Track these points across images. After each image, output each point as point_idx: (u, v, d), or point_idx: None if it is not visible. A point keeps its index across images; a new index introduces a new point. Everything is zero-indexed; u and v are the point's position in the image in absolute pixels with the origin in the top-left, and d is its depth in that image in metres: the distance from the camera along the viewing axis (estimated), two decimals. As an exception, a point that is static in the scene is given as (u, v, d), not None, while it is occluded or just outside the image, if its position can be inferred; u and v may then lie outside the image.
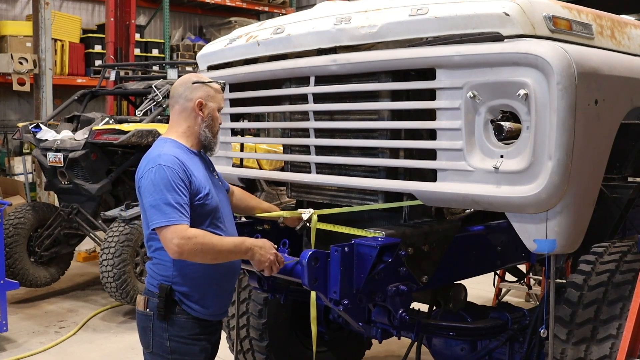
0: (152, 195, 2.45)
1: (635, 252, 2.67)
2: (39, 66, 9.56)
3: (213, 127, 2.68)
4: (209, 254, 2.45)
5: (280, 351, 3.90)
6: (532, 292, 5.76)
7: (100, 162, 6.20)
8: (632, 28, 2.67)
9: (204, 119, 2.64)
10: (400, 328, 2.62)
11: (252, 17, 14.01)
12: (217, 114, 2.70)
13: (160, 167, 2.46)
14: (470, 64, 2.27)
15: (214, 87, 2.68)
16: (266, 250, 2.55)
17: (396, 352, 4.89)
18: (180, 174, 2.48)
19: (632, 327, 2.25)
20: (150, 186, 2.46)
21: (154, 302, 2.59)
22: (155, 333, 2.60)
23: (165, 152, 2.53)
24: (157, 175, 2.46)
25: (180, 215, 2.43)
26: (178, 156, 2.53)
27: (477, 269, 3.13)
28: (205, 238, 2.44)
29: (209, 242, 2.44)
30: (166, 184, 2.44)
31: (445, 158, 2.40)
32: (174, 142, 2.63)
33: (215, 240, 2.47)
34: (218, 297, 2.67)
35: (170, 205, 2.42)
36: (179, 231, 2.40)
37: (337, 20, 2.71)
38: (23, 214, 6.46)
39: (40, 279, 6.50)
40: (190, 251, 2.41)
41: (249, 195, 3.12)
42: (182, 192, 2.46)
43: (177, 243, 2.39)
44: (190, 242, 2.40)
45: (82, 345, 5.33)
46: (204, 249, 2.43)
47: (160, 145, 2.61)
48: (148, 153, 2.61)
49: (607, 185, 3.11)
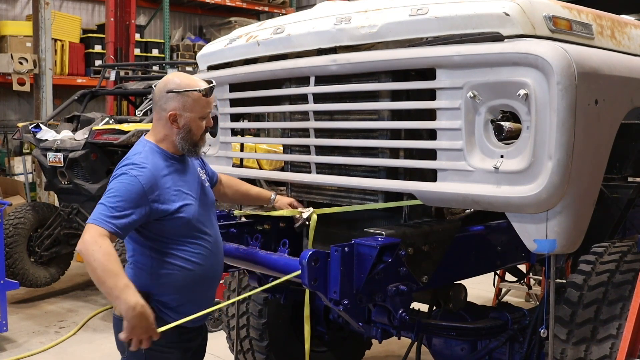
0: (105, 196, 2.37)
1: (635, 252, 2.67)
2: (39, 66, 9.56)
3: (190, 137, 2.52)
4: (97, 271, 2.24)
5: (280, 351, 3.90)
6: (532, 292, 5.76)
7: (100, 162, 6.20)
8: (632, 28, 2.67)
9: (179, 130, 2.51)
10: (400, 328, 2.62)
11: (252, 17, 14.01)
12: (200, 122, 2.53)
13: (122, 174, 2.39)
14: (470, 64, 2.27)
15: (192, 95, 2.48)
16: (145, 323, 2.28)
17: (396, 352, 4.90)
18: (143, 185, 2.37)
19: (632, 327, 2.25)
20: (111, 184, 2.40)
21: None
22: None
23: (140, 161, 2.43)
24: (118, 180, 2.39)
25: (111, 220, 2.29)
26: (151, 166, 2.43)
27: (477, 269, 3.13)
28: (108, 257, 2.23)
29: (106, 262, 2.23)
30: (120, 190, 2.35)
31: (445, 158, 2.40)
32: (153, 147, 2.52)
33: (113, 267, 2.24)
34: (196, 305, 2.55)
35: (109, 207, 2.31)
36: (97, 234, 2.26)
37: (337, 20, 2.71)
38: (23, 214, 6.46)
39: (40, 279, 6.49)
40: (87, 254, 2.25)
41: (238, 182, 3.04)
42: (133, 204, 2.34)
43: (86, 240, 2.26)
44: (93, 247, 2.24)
45: (82, 345, 5.33)
46: (96, 264, 2.23)
47: (139, 149, 2.51)
48: (128, 154, 2.53)
49: (607, 185, 3.11)
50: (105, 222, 2.30)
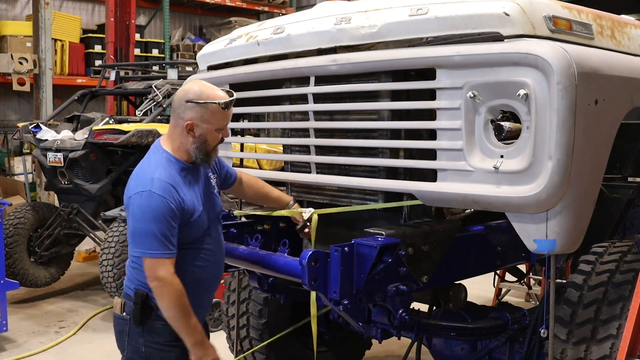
0: (140, 223, 2.41)
1: (635, 252, 2.67)
2: (39, 66, 9.56)
3: (205, 147, 2.53)
4: (174, 310, 2.44)
5: (280, 351, 3.90)
6: (532, 292, 5.76)
7: (100, 162, 6.20)
8: (632, 28, 2.67)
9: (195, 140, 2.51)
10: (400, 328, 2.62)
11: (252, 17, 14.01)
12: (216, 133, 2.53)
13: (152, 194, 2.39)
14: (470, 64, 2.27)
15: (210, 107, 2.47)
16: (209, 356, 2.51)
17: (396, 352, 4.89)
18: (172, 203, 2.41)
19: (632, 327, 2.25)
20: (138, 212, 2.41)
21: (130, 306, 2.54)
22: (130, 337, 2.56)
23: (158, 176, 2.44)
24: (147, 203, 2.39)
25: (166, 248, 2.40)
26: (171, 181, 2.45)
27: (477, 269, 3.13)
28: (182, 298, 2.43)
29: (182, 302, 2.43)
30: (155, 215, 2.38)
31: (445, 158, 2.40)
32: (169, 158, 2.53)
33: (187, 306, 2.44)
34: (197, 305, 2.58)
35: (157, 237, 2.38)
36: (164, 268, 2.39)
37: (337, 20, 2.71)
38: (23, 214, 6.46)
39: (40, 279, 6.49)
40: (162, 294, 2.42)
41: (259, 182, 3.04)
42: (171, 223, 2.41)
43: (160, 278, 2.39)
44: (170, 288, 2.40)
45: (82, 345, 5.33)
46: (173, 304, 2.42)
47: (156, 160, 2.52)
48: (142, 167, 2.54)
49: (607, 185, 3.11)
50: (164, 253, 2.40)
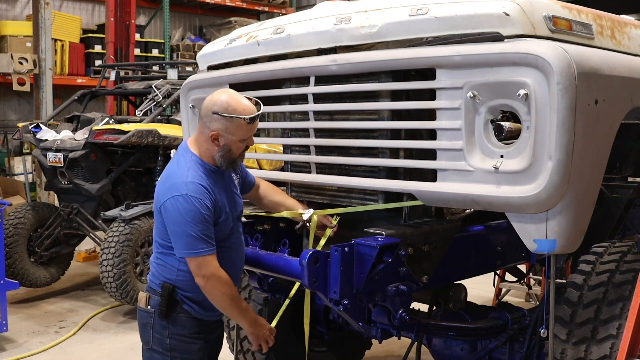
0: (180, 226, 2.50)
1: (635, 252, 2.67)
2: (39, 66, 9.56)
3: (230, 156, 2.61)
4: (225, 301, 2.58)
5: (280, 351, 3.90)
6: (532, 292, 5.76)
7: (100, 162, 6.20)
8: (632, 28, 2.67)
9: (219, 149, 2.59)
10: (400, 328, 2.62)
11: (252, 17, 14.01)
12: (240, 144, 2.61)
13: (188, 197, 2.48)
14: (470, 64, 2.27)
15: (236, 121, 2.53)
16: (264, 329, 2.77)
17: (396, 352, 4.89)
18: (207, 203, 2.52)
19: (632, 327, 2.25)
20: (177, 215, 2.50)
21: (155, 300, 2.65)
22: (155, 330, 2.66)
23: (192, 179, 2.53)
24: (185, 206, 2.48)
25: (208, 246, 2.51)
26: (203, 183, 2.54)
27: (477, 269, 3.13)
28: (232, 288, 2.58)
29: (231, 292, 2.58)
30: (194, 216, 2.48)
31: (445, 158, 2.40)
32: (198, 161, 2.61)
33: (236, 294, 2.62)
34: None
35: (199, 238, 2.48)
36: (210, 265, 2.51)
37: (337, 20, 2.71)
38: (23, 214, 6.46)
39: (40, 279, 6.50)
40: (212, 288, 2.55)
41: (275, 190, 3.08)
42: (209, 221, 2.52)
43: (208, 275, 2.51)
44: (219, 282, 2.53)
45: (82, 345, 5.33)
46: (225, 296, 2.56)
47: (185, 163, 2.59)
48: (172, 170, 2.60)
49: (607, 185, 3.11)
50: (207, 250, 2.52)
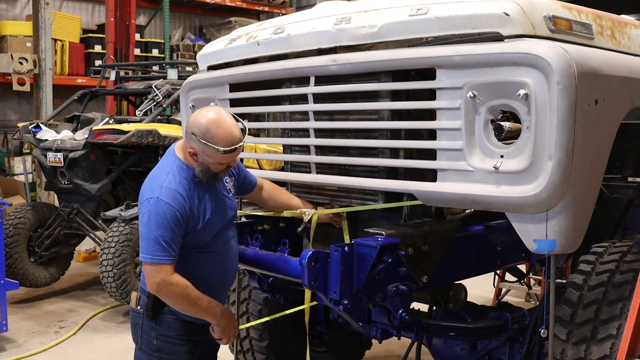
0: (145, 228, 2.49)
1: (635, 252, 2.67)
2: (39, 66, 9.56)
3: (209, 172, 2.58)
4: (182, 304, 2.54)
5: (280, 351, 3.90)
6: (532, 292, 5.76)
7: (100, 162, 6.20)
8: (632, 28, 2.67)
9: (198, 165, 2.57)
10: (400, 328, 2.62)
11: (252, 17, 14.01)
12: (219, 165, 2.56)
13: (159, 201, 2.47)
14: (470, 64, 2.27)
15: (212, 149, 2.47)
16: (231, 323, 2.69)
17: (396, 352, 4.89)
18: (178, 211, 2.47)
19: (632, 327, 2.25)
20: (146, 217, 2.50)
21: (144, 300, 2.65)
22: (144, 330, 2.67)
23: (168, 184, 2.51)
24: (154, 210, 2.47)
25: (165, 254, 2.46)
26: (180, 189, 2.51)
27: (477, 269, 3.13)
28: (185, 290, 2.50)
29: (186, 294, 2.51)
30: (159, 221, 2.45)
31: (445, 158, 2.40)
32: (181, 166, 2.59)
33: (193, 295, 2.52)
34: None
35: (158, 242, 2.45)
36: (162, 272, 2.46)
37: (337, 20, 2.71)
38: (23, 214, 6.46)
39: (40, 279, 6.49)
40: (165, 294, 2.51)
41: (279, 190, 3.06)
42: (174, 230, 2.47)
43: (157, 283, 2.47)
44: (169, 288, 2.48)
45: (82, 345, 5.33)
46: (179, 299, 2.52)
47: (167, 167, 2.58)
48: (155, 173, 2.60)
49: (607, 185, 3.11)
50: (165, 257, 2.47)
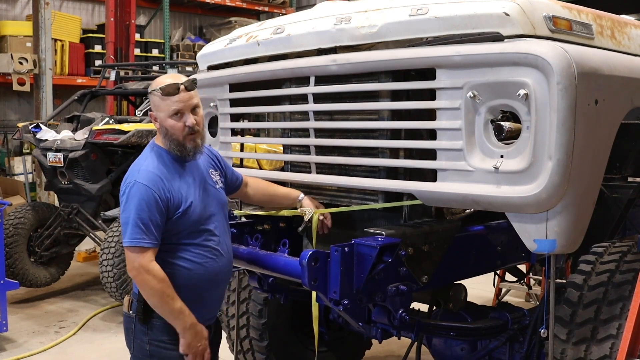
0: (125, 213, 2.47)
1: (635, 252, 2.67)
2: (39, 66, 9.56)
3: (171, 137, 2.54)
4: (154, 298, 2.45)
5: (280, 351, 3.90)
6: (532, 292, 5.76)
7: (100, 162, 6.20)
8: (632, 28, 2.67)
9: (161, 132, 2.57)
10: (400, 328, 2.62)
11: (252, 17, 14.01)
12: (171, 121, 2.51)
13: (136, 184, 2.46)
14: (470, 64, 2.27)
15: (156, 94, 2.52)
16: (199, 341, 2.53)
17: (396, 352, 4.89)
18: (156, 193, 2.45)
19: (632, 327, 2.25)
20: (124, 202, 2.48)
21: (136, 304, 2.58)
22: (136, 335, 2.59)
23: (145, 167, 2.51)
24: (132, 193, 2.46)
25: (144, 237, 2.42)
26: (158, 171, 2.50)
27: (477, 269, 3.13)
28: (160, 284, 2.42)
29: (160, 289, 2.43)
30: (138, 203, 2.43)
31: (445, 158, 2.40)
32: (159, 151, 2.59)
33: (167, 292, 2.44)
34: (200, 305, 2.60)
35: (137, 225, 2.42)
36: (141, 257, 2.41)
37: (337, 20, 2.71)
38: (23, 214, 6.46)
39: (40, 279, 6.49)
40: (141, 282, 2.45)
41: (265, 183, 3.03)
42: (152, 212, 2.43)
43: (137, 267, 2.42)
44: (145, 276, 2.42)
45: (82, 345, 5.33)
46: (152, 292, 2.44)
47: (145, 154, 2.59)
48: (135, 161, 2.60)
49: (607, 185, 3.11)
50: (143, 240, 2.42)
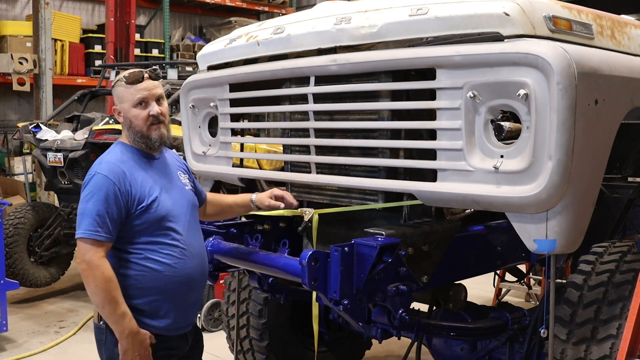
0: (82, 203, 2.40)
1: (635, 252, 2.67)
2: (39, 66, 9.57)
3: (135, 129, 2.50)
4: (98, 296, 2.33)
5: (280, 351, 3.90)
6: (532, 292, 5.76)
7: (100, 162, 6.19)
8: (632, 28, 2.67)
9: (125, 126, 2.54)
10: (400, 328, 2.62)
11: (252, 17, 14.01)
12: (135, 111, 2.49)
13: (97, 175, 2.41)
14: (470, 64, 2.27)
15: (120, 85, 2.51)
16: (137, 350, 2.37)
17: (396, 352, 4.89)
18: (116, 185, 2.38)
19: (632, 327, 2.25)
20: (83, 193, 2.42)
21: None
22: (107, 347, 2.45)
23: (107, 159, 2.48)
24: (91, 184, 2.41)
25: (99, 230, 2.33)
26: (120, 163, 2.45)
27: (477, 269, 3.13)
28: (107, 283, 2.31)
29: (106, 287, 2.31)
30: (95, 194, 2.37)
31: (445, 158, 2.40)
32: (123, 146, 2.55)
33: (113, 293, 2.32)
34: (172, 310, 2.48)
35: (92, 217, 2.34)
36: (92, 251, 2.32)
37: (337, 20, 2.71)
38: (23, 214, 6.46)
39: (40, 279, 6.50)
40: (87, 277, 2.33)
41: (220, 196, 3.00)
42: (109, 204, 2.36)
43: (86, 261, 2.32)
44: (93, 271, 2.31)
45: (82, 345, 5.32)
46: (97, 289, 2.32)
47: (111, 148, 2.57)
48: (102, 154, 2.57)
49: (607, 185, 3.11)
50: (97, 233, 2.34)
